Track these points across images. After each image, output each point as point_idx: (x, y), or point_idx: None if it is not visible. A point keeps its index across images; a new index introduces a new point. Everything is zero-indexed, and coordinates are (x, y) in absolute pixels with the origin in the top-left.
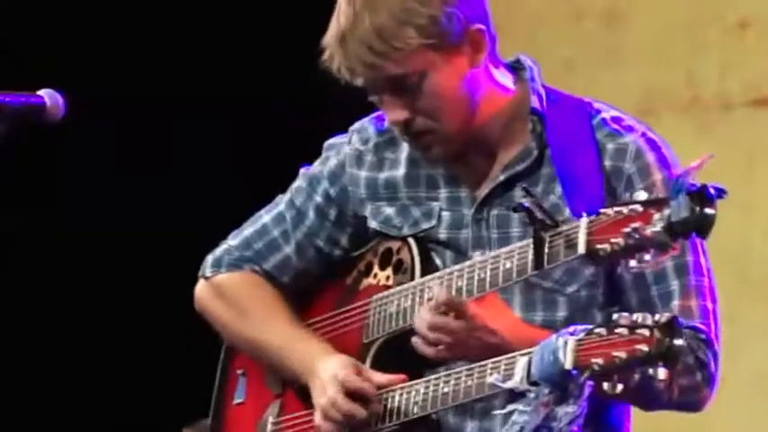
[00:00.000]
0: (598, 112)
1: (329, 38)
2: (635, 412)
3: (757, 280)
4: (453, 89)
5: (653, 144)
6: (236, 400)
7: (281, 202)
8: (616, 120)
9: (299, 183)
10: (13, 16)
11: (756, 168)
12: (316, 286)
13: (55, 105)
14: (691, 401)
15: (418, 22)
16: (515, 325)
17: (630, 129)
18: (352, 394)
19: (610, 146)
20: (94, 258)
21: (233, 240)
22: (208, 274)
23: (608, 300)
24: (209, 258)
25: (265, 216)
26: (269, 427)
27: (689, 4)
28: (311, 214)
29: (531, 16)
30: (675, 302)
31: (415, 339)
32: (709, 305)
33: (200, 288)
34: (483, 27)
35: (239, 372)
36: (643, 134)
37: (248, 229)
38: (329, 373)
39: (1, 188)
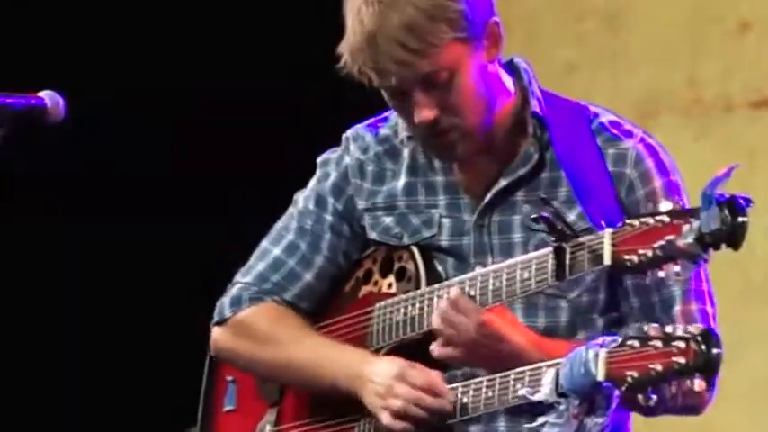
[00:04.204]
0: (596, 116)
1: (352, 41)
2: (634, 415)
3: (759, 283)
4: (477, 84)
5: (652, 150)
6: (227, 408)
7: (287, 232)
8: (614, 124)
9: (302, 206)
10: (13, 16)
11: (757, 170)
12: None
13: (56, 107)
14: (693, 405)
15: (449, 16)
16: (528, 335)
17: (629, 134)
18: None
19: (610, 151)
20: (92, 262)
21: (245, 278)
22: (227, 314)
23: (608, 305)
24: (225, 301)
25: (274, 249)
26: None
27: (690, 5)
28: (327, 235)
29: (530, 17)
30: (677, 308)
31: (432, 345)
32: (709, 309)
33: (219, 333)
34: (498, 20)
35: (229, 379)
36: (642, 139)
37: (260, 265)
38: (389, 373)
39: (2, 189)
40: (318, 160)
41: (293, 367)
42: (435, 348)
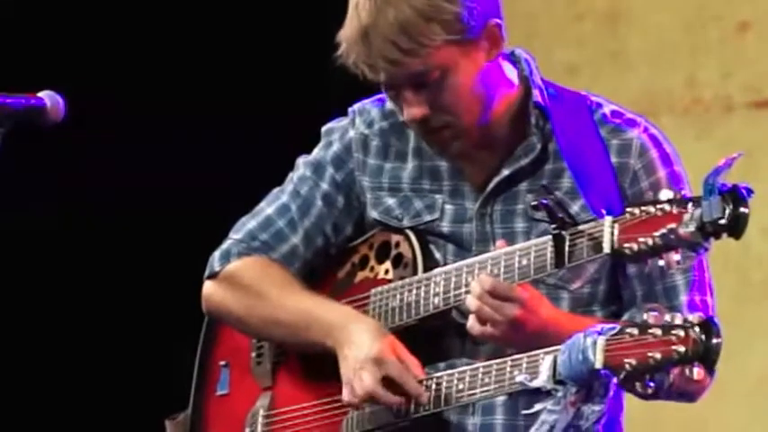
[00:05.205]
0: (599, 106)
1: (348, 33)
2: (634, 413)
3: (758, 281)
4: (472, 85)
5: (655, 140)
6: (219, 392)
7: (282, 194)
8: (617, 114)
9: (301, 171)
10: (13, 16)
11: (757, 170)
12: (310, 278)
13: (56, 107)
14: (691, 392)
15: (443, 17)
16: (558, 314)
17: (633, 123)
18: (390, 381)
19: (614, 141)
20: (91, 258)
21: (236, 234)
22: (216, 268)
23: (608, 296)
24: (216, 254)
25: (267, 208)
26: (260, 419)
27: (689, 5)
28: (318, 202)
29: (530, 17)
30: (682, 297)
31: (469, 322)
32: (709, 299)
33: (209, 288)
34: (500, 21)
35: (222, 363)
36: (645, 129)
37: (251, 222)
38: (368, 352)
39: (2, 189)
40: (323, 129)
41: (279, 324)
42: (475, 326)
